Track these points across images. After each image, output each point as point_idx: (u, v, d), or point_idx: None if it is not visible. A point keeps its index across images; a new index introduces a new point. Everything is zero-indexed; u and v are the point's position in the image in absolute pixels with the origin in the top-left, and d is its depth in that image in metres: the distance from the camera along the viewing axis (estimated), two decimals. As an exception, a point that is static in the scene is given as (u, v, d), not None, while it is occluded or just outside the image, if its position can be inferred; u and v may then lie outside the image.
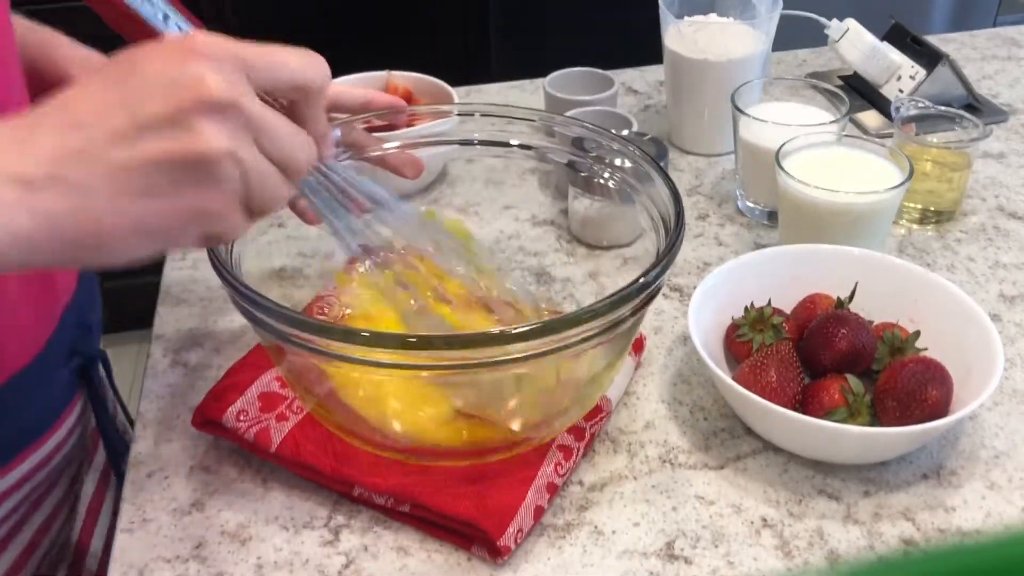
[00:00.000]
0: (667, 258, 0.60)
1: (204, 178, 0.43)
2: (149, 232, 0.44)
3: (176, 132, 0.42)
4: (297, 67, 0.47)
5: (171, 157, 0.43)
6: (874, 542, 0.63)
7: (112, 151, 0.42)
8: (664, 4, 1.00)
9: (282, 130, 0.46)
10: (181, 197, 0.44)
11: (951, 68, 1.06)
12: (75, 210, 0.42)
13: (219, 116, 0.43)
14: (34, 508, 0.69)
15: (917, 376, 0.65)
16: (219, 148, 0.43)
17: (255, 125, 0.45)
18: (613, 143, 0.72)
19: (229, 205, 0.45)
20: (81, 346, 0.70)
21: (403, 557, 0.62)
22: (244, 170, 0.44)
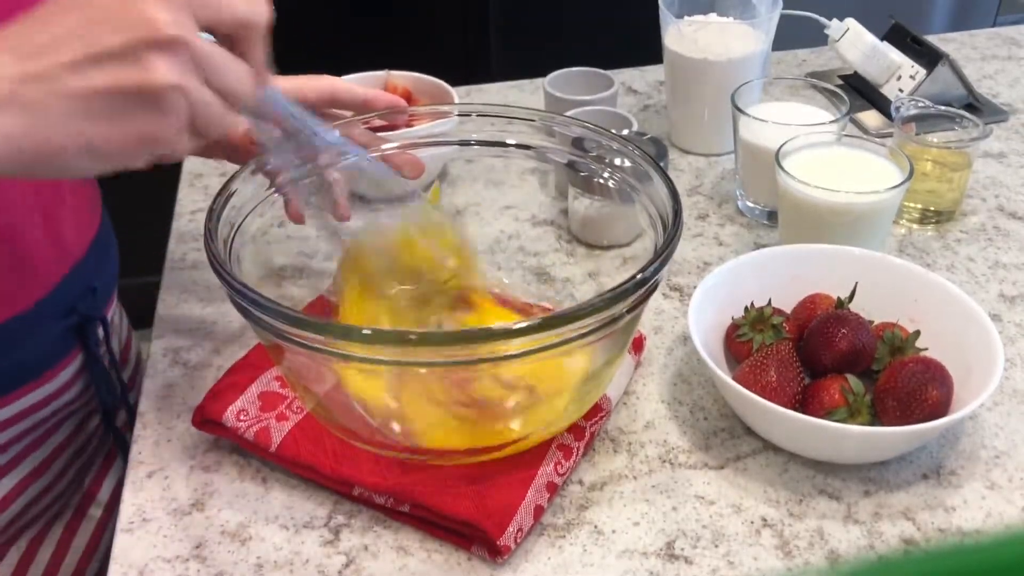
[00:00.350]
0: (665, 254, 0.60)
1: (152, 108, 0.47)
2: (100, 153, 0.48)
3: (127, 65, 0.46)
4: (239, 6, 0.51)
5: (122, 87, 0.46)
6: (874, 542, 0.63)
7: (67, 78, 0.46)
8: (664, 4, 1.00)
9: (224, 63, 0.50)
10: (130, 123, 0.47)
11: (951, 68, 1.06)
12: (30, 128, 0.46)
13: (168, 52, 0.47)
14: (35, 446, 0.74)
15: (917, 376, 0.65)
16: (167, 81, 0.47)
17: (199, 59, 0.48)
18: (613, 143, 0.72)
19: (175, 132, 0.49)
20: (82, 306, 0.73)
21: (403, 557, 0.62)
22: (190, 101, 0.48)
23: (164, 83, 0.47)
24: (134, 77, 0.46)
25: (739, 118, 0.90)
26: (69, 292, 0.72)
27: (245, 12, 0.51)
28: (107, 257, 0.79)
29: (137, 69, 0.46)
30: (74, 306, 0.73)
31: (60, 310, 0.72)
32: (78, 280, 0.73)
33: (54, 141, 0.47)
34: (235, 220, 0.65)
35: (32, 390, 0.71)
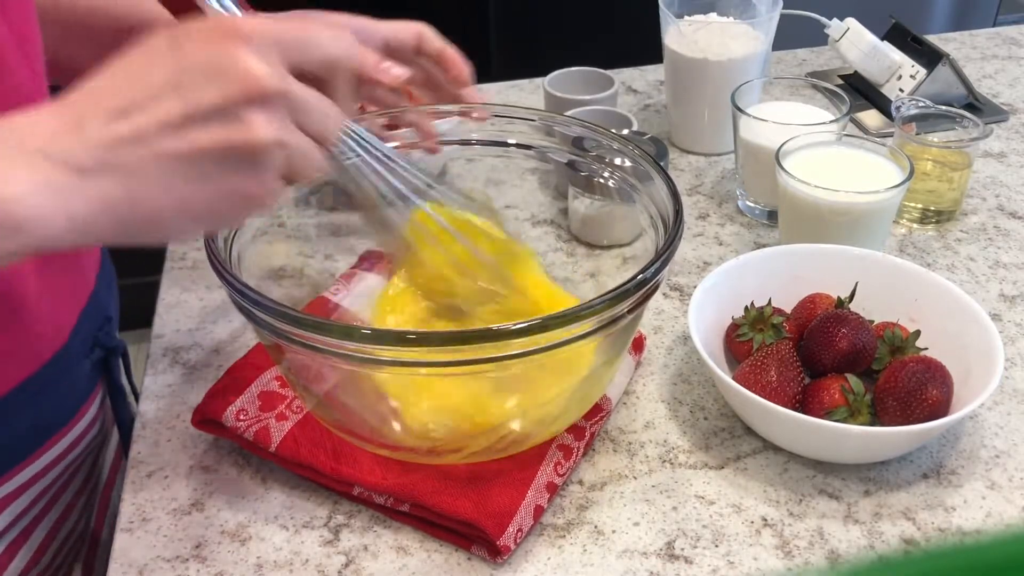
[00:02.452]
0: (665, 254, 0.60)
1: (252, 166, 0.45)
2: (198, 214, 0.46)
3: (226, 123, 0.44)
4: (328, 45, 0.49)
5: (222, 147, 0.44)
6: (874, 542, 0.63)
7: (162, 139, 0.44)
8: (664, 4, 1.00)
9: (316, 106, 0.48)
10: (230, 183, 0.45)
11: (951, 67, 1.06)
12: (127, 195, 0.44)
13: (268, 107, 0.45)
14: (55, 498, 0.70)
15: (917, 376, 0.65)
16: (269, 138, 0.45)
17: (295, 106, 0.46)
18: (613, 142, 0.72)
19: (273, 186, 0.47)
20: (102, 338, 0.72)
21: (403, 557, 0.62)
22: (288, 153, 0.46)
23: (266, 140, 0.45)
24: (236, 136, 0.44)
25: (739, 118, 0.90)
26: (90, 326, 0.70)
27: (335, 52, 0.49)
28: (112, 281, 0.77)
29: (237, 127, 0.44)
30: (95, 339, 0.70)
31: (85, 347, 0.69)
32: (96, 310, 0.71)
33: (152, 205, 0.44)
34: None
35: (60, 438, 0.68)
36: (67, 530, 0.72)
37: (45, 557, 0.70)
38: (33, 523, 0.68)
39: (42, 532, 0.69)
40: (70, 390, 0.69)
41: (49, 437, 0.67)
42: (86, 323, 0.69)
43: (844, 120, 0.89)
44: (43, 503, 0.69)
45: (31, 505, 0.68)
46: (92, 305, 0.70)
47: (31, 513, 0.68)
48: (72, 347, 0.67)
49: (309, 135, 0.48)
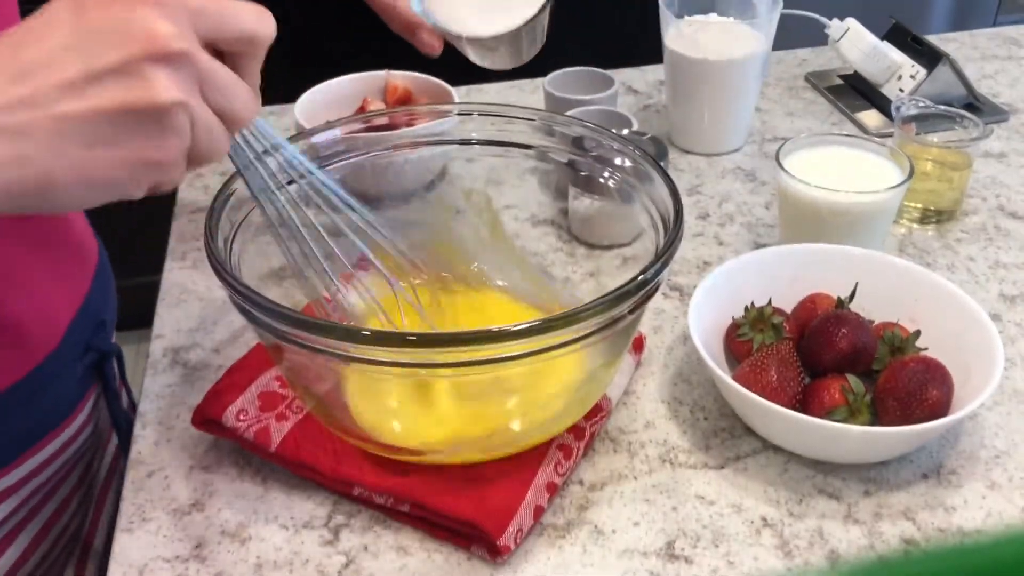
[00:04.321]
0: (666, 255, 0.60)
1: (154, 128, 0.43)
2: (95, 181, 0.44)
3: (128, 82, 0.42)
4: (246, 19, 0.47)
5: (123, 107, 0.42)
6: (874, 542, 0.63)
7: (61, 100, 0.42)
8: (664, 4, 1.00)
9: (229, 82, 0.46)
10: (130, 147, 0.43)
11: (951, 68, 1.06)
12: (20, 158, 0.42)
13: (171, 66, 0.43)
14: (45, 500, 0.70)
15: (917, 376, 0.65)
16: (172, 98, 0.43)
17: (204, 76, 0.44)
18: (613, 142, 0.72)
19: (176, 155, 0.45)
20: (96, 341, 0.71)
21: (403, 557, 0.62)
22: (193, 120, 0.44)
23: (168, 100, 0.42)
24: (137, 94, 0.42)
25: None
26: (83, 329, 0.69)
27: (251, 26, 0.46)
28: (109, 285, 0.77)
29: (139, 86, 0.42)
30: (88, 343, 0.70)
31: (78, 351, 0.68)
32: (89, 315, 0.70)
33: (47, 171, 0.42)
34: (235, 219, 0.65)
35: (51, 440, 0.68)
36: (57, 532, 0.72)
37: (34, 557, 0.70)
38: (21, 524, 0.68)
39: (31, 533, 0.69)
40: (61, 393, 0.69)
41: (39, 439, 0.67)
42: (79, 327, 0.69)
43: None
44: (32, 504, 0.69)
45: (20, 506, 0.67)
46: (86, 309, 0.70)
47: (19, 514, 0.68)
48: (64, 351, 0.67)
49: (216, 111, 0.46)
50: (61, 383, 0.68)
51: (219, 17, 0.45)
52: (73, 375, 0.69)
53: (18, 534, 0.68)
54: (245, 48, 0.47)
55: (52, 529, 0.71)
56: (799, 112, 1.12)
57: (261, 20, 0.47)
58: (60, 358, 0.67)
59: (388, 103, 0.99)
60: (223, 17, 0.45)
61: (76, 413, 0.71)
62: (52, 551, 0.72)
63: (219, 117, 0.46)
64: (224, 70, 0.46)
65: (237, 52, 0.47)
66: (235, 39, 0.46)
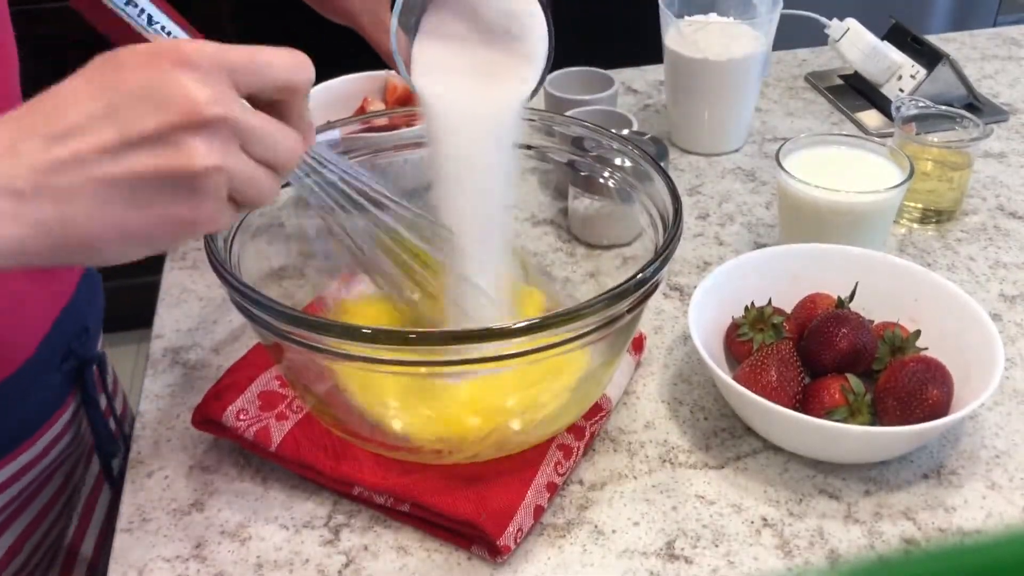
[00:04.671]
0: (665, 254, 0.60)
1: (189, 192, 0.44)
2: (134, 239, 0.45)
3: (164, 149, 0.43)
4: (282, 68, 0.47)
5: (157, 173, 0.43)
6: (875, 541, 0.63)
7: (99, 163, 0.43)
8: (664, 4, 1.00)
9: (268, 132, 0.46)
10: (166, 208, 0.44)
11: (952, 68, 1.06)
12: (62, 219, 0.43)
13: (207, 132, 0.43)
14: (23, 507, 0.69)
15: (918, 376, 0.65)
16: (205, 164, 0.43)
17: (242, 133, 0.45)
18: (613, 143, 0.72)
19: (214, 213, 0.46)
20: (78, 348, 0.71)
21: (403, 557, 0.62)
22: (231, 177, 0.45)
23: (202, 167, 0.43)
24: (171, 162, 0.43)
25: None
26: (63, 335, 0.69)
27: (288, 75, 0.47)
28: (96, 291, 0.76)
29: (174, 153, 0.43)
30: (70, 350, 0.69)
31: (56, 357, 0.68)
32: (71, 321, 0.70)
33: (88, 230, 0.43)
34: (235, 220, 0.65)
35: (28, 447, 0.67)
36: (38, 538, 0.71)
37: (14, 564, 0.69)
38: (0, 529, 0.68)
39: (8, 539, 0.68)
40: (40, 399, 0.68)
41: (16, 446, 0.67)
42: (59, 332, 0.68)
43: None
44: (9, 512, 0.68)
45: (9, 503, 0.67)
46: (67, 314, 0.69)
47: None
48: (42, 357, 0.66)
49: (259, 161, 0.47)
50: (39, 389, 0.68)
51: (255, 70, 0.46)
52: (52, 381, 0.69)
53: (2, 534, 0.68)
54: (286, 96, 0.48)
55: (33, 535, 0.71)
56: (799, 112, 1.12)
57: (298, 67, 0.48)
58: (38, 364, 0.66)
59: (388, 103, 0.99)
60: (259, 70, 0.46)
61: (55, 420, 0.70)
62: (32, 557, 0.71)
63: (265, 165, 0.47)
64: (264, 122, 0.46)
65: (279, 101, 0.48)
66: (274, 89, 0.47)
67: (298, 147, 0.49)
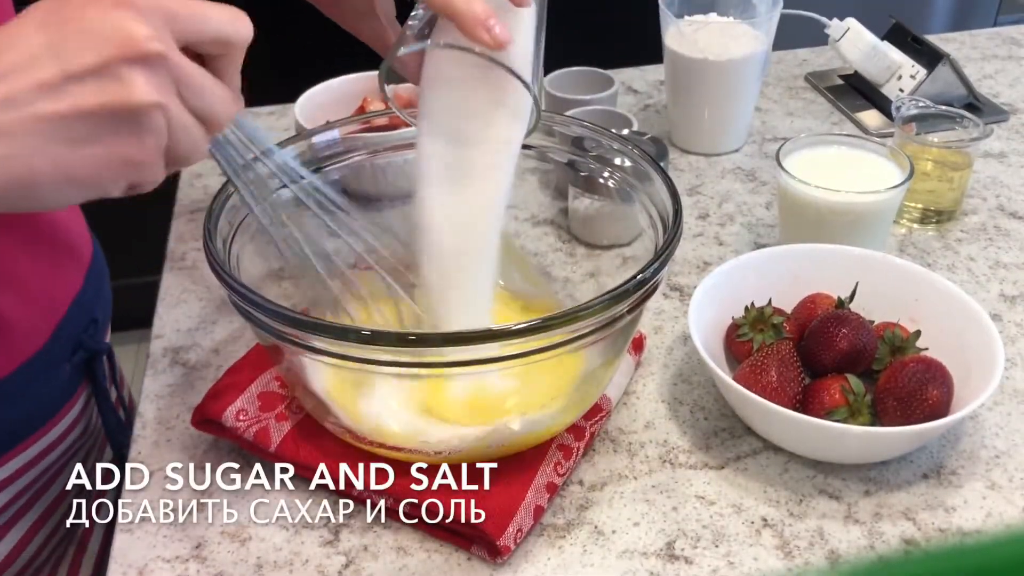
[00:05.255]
0: (665, 254, 0.60)
1: (132, 128, 0.44)
2: (76, 179, 0.45)
3: (104, 83, 0.43)
4: (221, 21, 0.47)
5: (100, 107, 0.43)
6: (875, 542, 0.63)
7: (39, 101, 0.43)
8: (664, 4, 1.00)
9: (205, 84, 0.47)
10: (108, 146, 0.44)
11: (952, 67, 1.06)
12: (3, 157, 0.43)
13: (147, 68, 0.44)
14: (35, 498, 0.70)
15: (918, 376, 0.65)
16: (148, 99, 0.44)
17: (180, 78, 0.45)
18: (613, 143, 0.72)
19: (153, 155, 0.46)
20: (87, 340, 0.71)
21: (403, 557, 0.62)
22: (169, 121, 0.45)
23: (144, 101, 0.43)
24: (114, 95, 0.43)
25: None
26: (73, 326, 0.69)
27: (227, 29, 0.47)
28: (103, 283, 0.77)
29: (116, 86, 0.43)
30: (79, 341, 0.70)
31: (67, 349, 0.69)
32: (81, 313, 0.70)
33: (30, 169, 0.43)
34: (234, 220, 0.65)
35: (38, 439, 0.68)
36: (50, 528, 0.72)
37: (26, 552, 0.70)
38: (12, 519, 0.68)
39: (22, 528, 0.69)
40: (50, 390, 0.69)
41: (26, 438, 0.67)
42: (69, 324, 0.69)
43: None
44: (22, 502, 0.69)
45: (8, 504, 0.68)
46: (77, 306, 0.70)
47: (8, 512, 0.68)
48: (53, 348, 0.67)
49: (195, 113, 0.47)
50: (50, 380, 0.68)
51: (194, 20, 0.46)
52: (62, 373, 0.69)
53: (9, 529, 0.68)
54: (221, 50, 0.48)
55: (45, 525, 0.71)
56: (799, 112, 1.12)
57: (236, 23, 0.48)
58: (49, 355, 0.67)
59: (388, 103, 0.99)
60: (198, 20, 0.46)
61: (66, 411, 0.71)
62: (45, 547, 0.72)
63: (197, 119, 0.47)
64: (201, 72, 0.47)
65: (214, 54, 0.48)
66: (211, 41, 0.47)
67: (231, 105, 0.49)
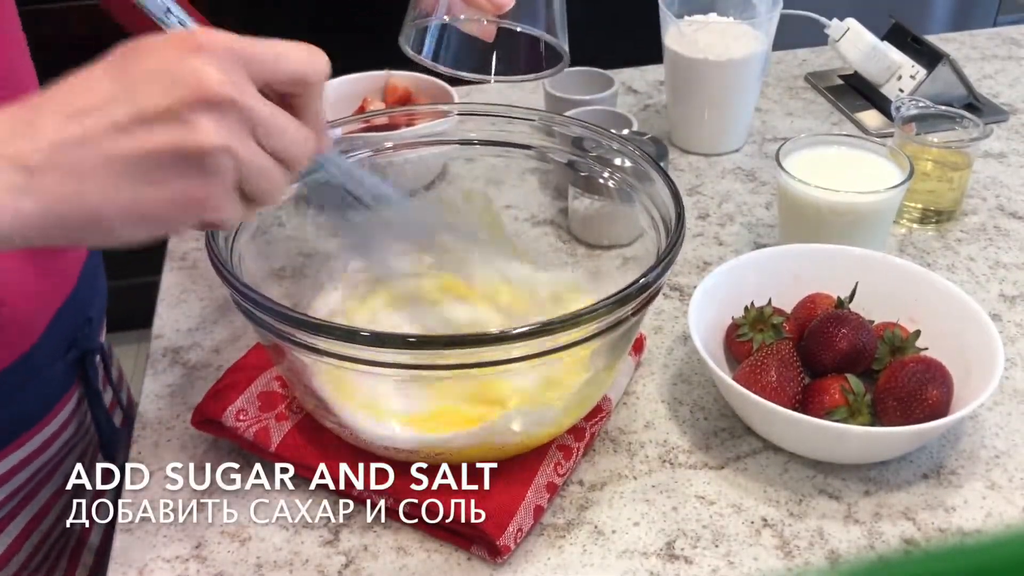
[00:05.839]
0: (668, 258, 0.60)
1: (197, 170, 0.45)
2: (145, 217, 0.46)
3: (173, 126, 0.44)
4: (296, 60, 0.48)
5: (167, 149, 0.44)
6: (875, 542, 0.63)
7: (110, 141, 0.44)
8: (664, 4, 1.00)
9: (280, 123, 0.47)
10: (175, 187, 0.45)
11: (951, 68, 1.06)
12: (73, 194, 0.44)
13: (216, 112, 0.44)
14: (29, 498, 0.70)
15: (917, 376, 0.65)
16: (214, 143, 0.44)
17: (253, 119, 0.46)
18: (613, 143, 0.72)
19: (222, 196, 0.46)
20: (81, 339, 0.71)
21: (403, 557, 0.62)
22: (239, 163, 0.46)
23: (210, 144, 0.44)
24: (179, 138, 0.44)
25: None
26: (66, 326, 0.69)
27: (302, 68, 0.48)
28: (98, 282, 0.77)
29: (184, 130, 0.44)
30: (73, 340, 0.70)
31: (60, 347, 0.69)
32: (75, 311, 0.70)
33: (98, 206, 0.44)
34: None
35: (31, 437, 0.68)
36: (44, 529, 0.72)
37: (24, 549, 0.70)
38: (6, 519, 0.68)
39: (15, 529, 0.69)
40: (43, 389, 0.69)
41: (19, 435, 0.67)
42: (62, 323, 0.69)
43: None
44: (15, 502, 0.69)
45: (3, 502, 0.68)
46: (70, 305, 0.70)
47: (3, 510, 0.68)
48: (44, 346, 0.67)
49: (271, 153, 0.47)
50: (42, 379, 0.68)
51: (269, 62, 0.47)
52: (55, 371, 0.69)
53: (4, 527, 0.68)
54: (299, 90, 0.48)
55: (42, 522, 0.71)
56: (799, 112, 1.12)
57: (312, 61, 0.48)
58: (41, 353, 0.67)
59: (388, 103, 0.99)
60: (272, 61, 0.47)
61: (59, 409, 0.71)
62: (43, 544, 0.72)
63: (274, 158, 0.47)
64: (276, 112, 0.47)
65: (292, 94, 0.48)
66: (287, 82, 0.48)
67: (310, 143, 0.49)
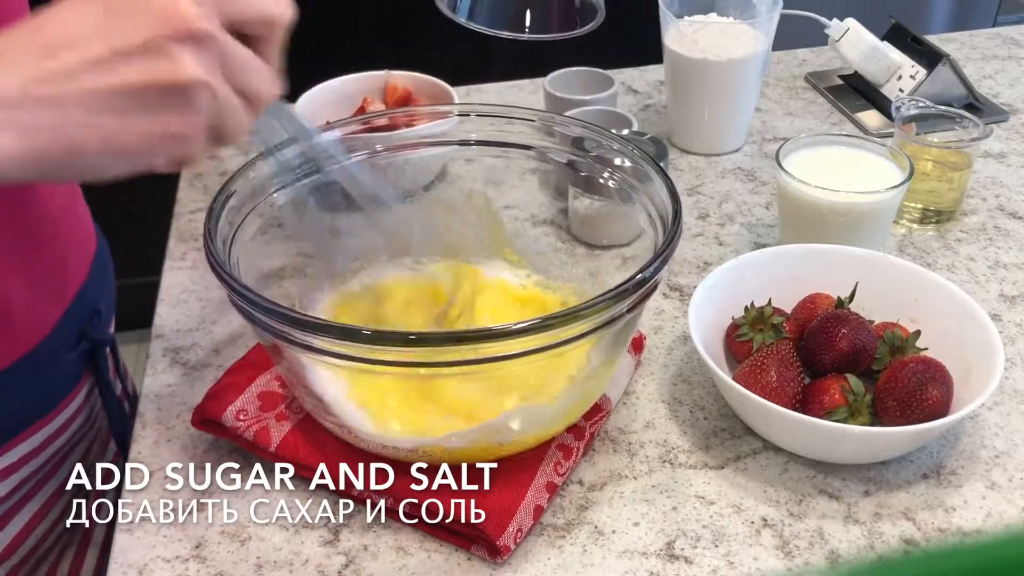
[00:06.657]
0: (664, 254, 0.60)
1: (178, 104, 0.45)
2: (122, 151, 0.46)
3: (153, 60, 0.44)
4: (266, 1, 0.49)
5: (148, 83, 0.44)
6: (874, 542, 0.63)
7: (88, 75, 0.44)
8: (664, 4, 1.00)
9: (249, 63, 0.48)
10: (154, 120, 0.45)
11: (951, 68, 1.06)
12: (51, 128, 0.44)
13: (195, 46, 0.45)
14: (37, 488, 0.70)
15: (917, 376, 0.65)
16: (195, 77, 0.45)
17: (226, 57, 0.46)
18: (613, 143, 0.72)
19: (198, 131, 0.47)
20: (90, 331, 0.72)
21: (403, 557, 0.62)
22: (214, 98, 0.46)
23: (192, 78, 0.45)
24: (161, 71, 0.44)
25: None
26: (77, 318, 0.70)
27: (271, 9, 0.49)
28: (107, 275, 0.77)
29: (164, 63, 0.44)
30: (83, 333, 0.71)
31: (71, 339, 0.69)
32: (85, 304, 0.71)
33: (77, 139, 0.44)
34: (235, 220, 0.65)
35: (40, 428, 0.69)
36: (51, 520, 0.72)
37: (30, 539, 0.70)
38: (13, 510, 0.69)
39: (22, 520, 0.69)
40: (53, 381, 0.69)
41: (28, 426, 0.68)
42: (73, 315, 0.69)
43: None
44: (23, 492, 0.69)
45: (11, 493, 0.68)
46: (81, 297, 0.70)
47: (10, 501, 0.68)
48: (56, 339, 0.68)
49: (239, 91, 0.48)
50: (53, 371, 0.69)
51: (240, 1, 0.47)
52: (66, 362, 0.70)
53: (11, 519, 0.69)
54: (265, 31, 0.49)
55: (46, 517, 0.72)
56: (799, 112, 1.12)
57: (279, 3, 0.49)
58: (53, 346, 0.67)
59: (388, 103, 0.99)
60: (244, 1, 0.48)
61: (68, 401, 0.71)
62: (47, 538, 0.72)
63: (240, 96, 0.48)
64: (245, 51, 0.48)
65: (257, 35, 0.49)
66: (255, 21, 0.48)
67: (272, 84, 0.50)
